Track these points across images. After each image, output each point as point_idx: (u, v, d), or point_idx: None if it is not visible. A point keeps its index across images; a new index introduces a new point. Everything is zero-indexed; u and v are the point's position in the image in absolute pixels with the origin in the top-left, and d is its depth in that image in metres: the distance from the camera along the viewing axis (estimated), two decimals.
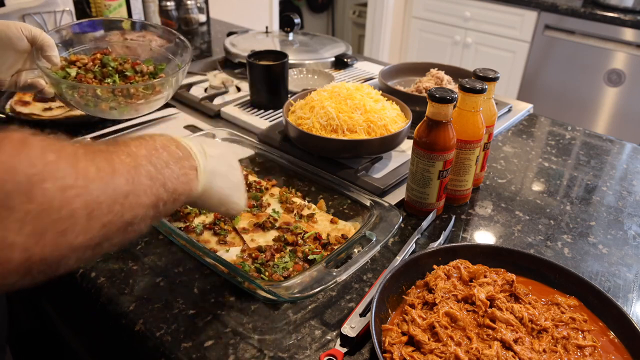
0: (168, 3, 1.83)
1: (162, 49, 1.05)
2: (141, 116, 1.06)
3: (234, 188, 0.60)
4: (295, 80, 1.32)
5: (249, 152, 0.96)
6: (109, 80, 0.91)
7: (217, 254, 0.68)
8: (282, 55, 1.17)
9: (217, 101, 1.22)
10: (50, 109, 1.10)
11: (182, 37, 1.02)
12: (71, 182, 0.37)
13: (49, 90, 0.84)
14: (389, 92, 1.06)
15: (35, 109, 1.10)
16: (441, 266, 0.65)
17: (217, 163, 0.57)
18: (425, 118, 0.76)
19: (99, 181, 0.40)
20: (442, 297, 0.60)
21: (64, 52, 0.95)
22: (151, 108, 0.92)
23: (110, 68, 0.94)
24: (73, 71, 0.88)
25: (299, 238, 0.73)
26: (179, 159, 0.51)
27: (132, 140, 0.48)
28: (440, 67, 1.24)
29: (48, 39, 0.79)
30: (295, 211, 0.79)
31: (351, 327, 0.59)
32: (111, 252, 0.55)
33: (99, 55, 0.96)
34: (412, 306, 0.60)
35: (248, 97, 1.22)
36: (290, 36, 1.56)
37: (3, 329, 0.77)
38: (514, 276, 0.63)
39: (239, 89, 1.30)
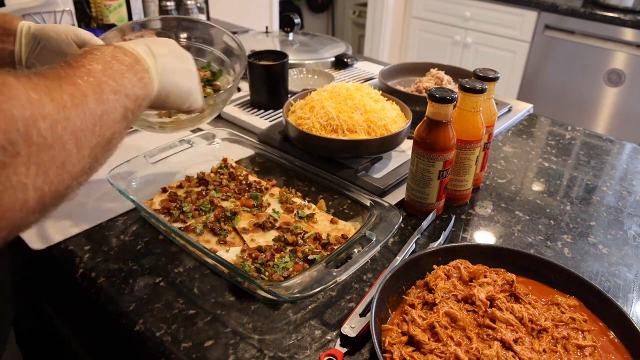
0: (168, 3, 1.83)
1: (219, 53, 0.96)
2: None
3: (189, 80, 0.63)
4: (295, 80, 1.32)
5: (249, 152, 0.96)
6: None
7: (217, 254, 0.68)
8: (282, 55, 1.17)
9: None
10: None
11: (237, 40, 0.92)
12: (56, 116, 0.39)
13: None
14: (389, 92, 1.06)
15: None
16: (441, 266, 0.65)
17: (166, 60, 0.59)
18: (425, 118, 0.76)
19: (75, 109, 0.41)
20: (442, 297, 0.60)
21: None
22: (203, 121, 0.84)
23: None
24: None
25: (299, 238, 0.73)
26: (131, 65, 0.52)
27: (83, 58, 0.48)
28: (440, 67, 1.24)
29: (98, 42, 0.77)
30: (295, 211, 0.79)
31: (351, 327, 0.59)
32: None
33: None
34: (412, 306, 0.60)
35: (248, 97, 1.22)
36: (290, 36, 1.56)
37: (7, 310, 0.77)
38: (514, 276, 0.63)
39: (239, 89, 1.30)
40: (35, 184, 0.37)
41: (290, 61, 1.23)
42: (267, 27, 1.62)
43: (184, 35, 1.03)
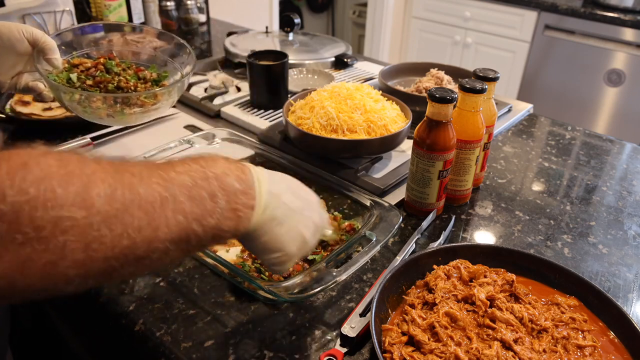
0: (168, 3, 1.83)
1: (165, 55, 1.03)
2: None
3: (294, 243, 0.51)
4: (295, 80, 1.32)
5: (249, 152, 0.96)
6: (110, 85, 0.88)
7: (217, 254, 0.68)
8: (282, 55, 1.17)
9: (217, 101, 1.22)
10: (50, 108, 1.10)
11: (188, 47, 1.00)
12: (68, 213, 0.34)
13: (48, 94, 0.83)
14: (389, 92, 1.06)
15: (36, 109, 1.10)
16: (441, 266, 0.65)
17: (287, 214, 0.49)
18: (425, 118, 0.76)
19: (105, 214, 0.35)
20: (442, 297, 0.60)
21: (67, 55, 0.92)
22: (150, 117, 0.90)
23: (113, 73, 0.90)
24: (74, 75, 0.86)
25: None
26: (233, 193, 0.44)
27: (181, 163, 0.42)
28: (440, 67, 1.24)
29: (50, 42, 0.78)
30: None
31: (351, 327, 0.59)
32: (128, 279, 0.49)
33: (102, 60, 0.93)
34: (412, 306, 0.60)
35: (248, 97, 1.22)
36: (290, 36, 1.56)
37: (5, 329, 0.77)
38: (514, 276, 0.63)
39: (239, 89, 1.30)
40: (6, 272, 0.32)
41: (290, 61, 1.23)
42: (267, 27, 1.62)
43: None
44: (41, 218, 0.32)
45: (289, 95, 1.12)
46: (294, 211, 0.50)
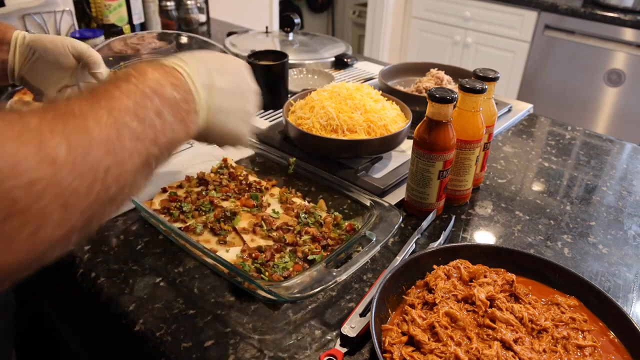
0: (168, 3, 1.83)
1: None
2: None
3: (242, 123, 0.54)
4: (295, 80, 1.32)
5: (249, 152, 0.96)
6: None
7: (217, 254, 0.68)
8: (282, 55, 1.17)
9: None
10: None
11: (192, 35, 1.03)
12: (36, 174, 0.31)
13: None
14: (389, 92, 1.06)
15: None
16: (441, 266, 0.65)
17: (224, 97, 0.50)
18: (425, 118, 0.76)
19: (71, 164, 0.34)
20: (442, 297, 0.60)
21: (115, 66, 0.94)
22: None
23: None
24: None
25: (298, 238, 0.73)
26: (175, 104, 0.44)
27: (114, 88, 0.40)
28: (440, 67, 1.24)
29: (95, 56, 0.75)
30: (295, 211, 0.79)
31: (351, 327, 0.59)
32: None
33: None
34: (412, 306, 0.60)
35: None
36: (290, 36, 1.56)
37: (11, 334, 0.77)
38: (514, 276, 0.63)
39: None
40: None
41: (290, 61, 1.23)
42: (267, 27, 1.62)
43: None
44: (13, 188, 0.30)
45: (289, 95, 1.12)
46: (229, 91, 0.51)
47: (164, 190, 0.83)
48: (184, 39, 1.13)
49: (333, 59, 1.45)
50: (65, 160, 0.33)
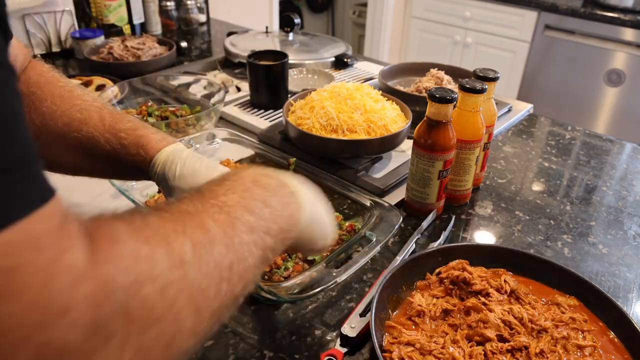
0: (168, 3, 1.83)
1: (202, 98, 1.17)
2: None
3: (329, 216, 0.52)
4: (295, 80, 1.32)
5: (249, 152, 0.96)
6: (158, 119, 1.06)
7: None
8: (282, 55, 1.16)
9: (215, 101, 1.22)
10: None
11: (221, 85, 1.17)
12: (169, 276, 0.30)
13: None
14: (389, 92, 1.06)
15: None
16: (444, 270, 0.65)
17: (309, 189, 0.49)
18: (425, 118, 0.76)
19: (198, 262, 0.32)
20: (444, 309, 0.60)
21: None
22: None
23: (155, 115, 1.07)
24: None
25: None
26: (275, 189, 0.43)
27: (218, 186, 0.41)
28: (440, 67, 1.24)
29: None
30: None
31: (351, 327, 0.59)
32: None
33: (145, 107, 1.10)
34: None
35: (248, 97, 1.22)
36: (290, 36, 1.56)
37: None
38: (515, 284, 0.63)
39: (239, 89, 1.30)
40: None
41: (290, 61, 1.23)
42: (267, 27, 1.62)
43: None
44: (150, 295, 0.28)
45: (289, 95, 1.12)
46: (316, 198, 0.51)
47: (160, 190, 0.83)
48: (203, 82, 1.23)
49: (333, 59, 1.45)
50: (192, 260, 0.32)
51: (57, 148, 0.60)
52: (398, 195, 0.88)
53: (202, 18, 1.94)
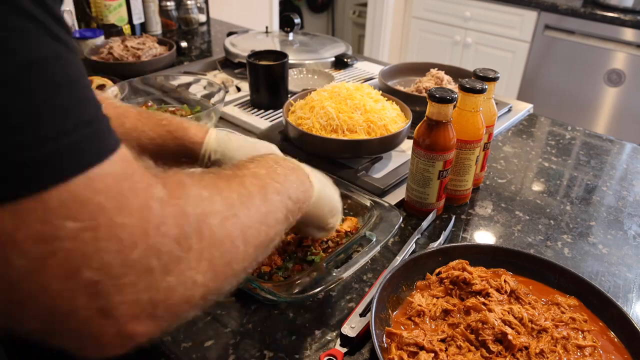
0: (168, 3, 1.83)
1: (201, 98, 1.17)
2: None
3: (338, 198, 0.63)
4: (295, 80, 1.32)
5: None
6: None
7: None
8: (282, 55, 1.17)
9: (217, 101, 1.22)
10: None
11: (221, 85, 1.17)
12: (226, 213, 0.38)
13: None
14: (389, 92, 1.06)
15: None
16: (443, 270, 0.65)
17: (318, 175, 0.59)
18: (425, 118, 0.76)
19: (243, 206, 0.41)
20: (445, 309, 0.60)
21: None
22: None
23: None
24: None
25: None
26: (293, 170, 0.53)
27: (249, 163, 0.50)
28: (440, 67, 1.24)
29: None
30: None
31: (351, 327, 0.59)
32: None
33: (144, 107, 1.10)
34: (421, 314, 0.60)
35: (248, 97, 1.22)
36: (290, 36, 1.56)
37: None
38: (515, 285, 0.63)
39: (239, 89, 1.30)
40: (204, 280, 0.35)
41: (290, 61, 1.23)
42: (267, 27, 1.62)
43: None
44: (214, 224, 0.37)
45: (289, 95, 1.12)
46: (324, 177, 0.62)
47: None
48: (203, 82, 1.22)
49: (333, 59, 1.45)
50: (239, 203, 0.41)
51: None
52: (398, 195, 0.88)
53: (202, 18, 1.94)
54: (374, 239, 0.69)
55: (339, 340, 0.59)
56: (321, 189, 0.58)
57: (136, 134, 0.64)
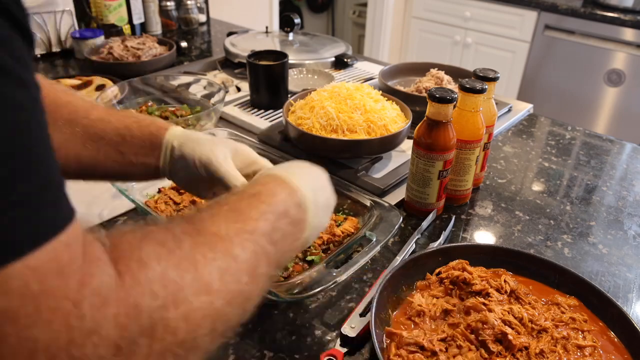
0: (168, 3, 1.83)
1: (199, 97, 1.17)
2: None
3: (331, 195, 0.55)
4: (295, 80, 1.32)
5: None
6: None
7: None
8: (282, 55, 1.16)
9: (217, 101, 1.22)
10: None
11: (221, 85, 1.16)
12: (195, 302, 0.31)
13: None
14: (389, 92, 1.06)
15: None
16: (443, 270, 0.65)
17: (321, 215, 0.51)
18: (425, 118, 0.76)
19: (225, 290, 0.33)
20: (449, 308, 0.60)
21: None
22: None
23: (155, 116, 1.07)
24: None
25: None
26: (296, 225, 0.45)
27: (252, 206, 0.41)
28: (440, 67, 1.24)
29: (233, 183, 0.62)
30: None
31: (351, 327, 0.59)
32: None
33: (144, 108, 1.10)
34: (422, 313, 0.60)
35: (248, 97, 1.22)
36: (290, 36, 1.56)
37: None
38: (515, 285, 0.63)
39: (239, 89, 1.30)
40: None
41: (290, 61, 1.23)
42: (267, 27, 1.62)
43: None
44: (174, 319, 0.30)
45: (289, 95, 1.12)
46: (324, 208, 0.53)
47: (165, 190, 0.83)
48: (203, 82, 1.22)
49: (333, 59, 1.45)
50: (219, 288, 0.33)
51: (60, 138, 0.59)
52: (398, 195, 0.88)
53: (202, 18, 1.94)
54: (374, 239, 0.69)
55: (339, 340, 0.59)
56: (314, 224, 0.49)
57: (102, 125, 0.59)
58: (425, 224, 0.79)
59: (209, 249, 0.34)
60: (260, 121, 1.12)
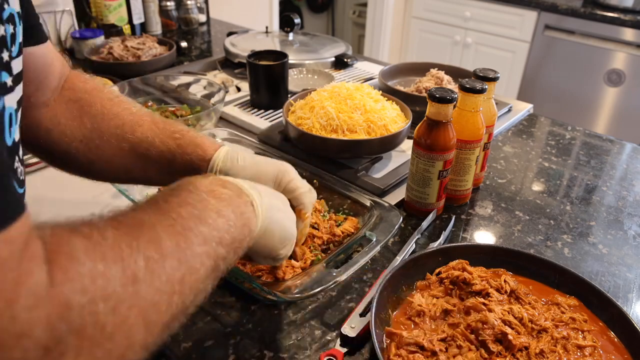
0: (168, 3, 1.83)
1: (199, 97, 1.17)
2: None
3: (292, 224, 0.54)
4: (295, 80, 1.32)
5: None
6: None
7: None
8: (282, 55, 1.17)
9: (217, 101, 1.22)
10: None
11: (221, 85, 1.16)
12: (122, 294, 0.31)
13: None
14: (389, 92, 1.06)
15: None
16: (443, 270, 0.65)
17: (272, 196, 0.51)
18: (425, 118, 0.76)
19: (150, 278, 0.33)
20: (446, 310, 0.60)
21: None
22: None
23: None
24: None
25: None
26: (230, 199, 0.45)
27: (175, 197, 0.41)
28: (440, 67, 1.24)
29: (306, 205, 0.62)
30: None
31: (351, 327, 0.59)
32: None
33: (145, 108, 1.07)
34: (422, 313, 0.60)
35: (248, 97, 1.22)
36: (290, 36, 1.56)
37: None
38: (515, 285, 0.63)
39: (239, 89, 1.30)
40: None
41: (290, 61, 1.23)
42: (267, 27, 1.62)
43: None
44: (102, 312, 0.29)
45: (289, 95, 1.12)
46: (277, 198, 0.54)
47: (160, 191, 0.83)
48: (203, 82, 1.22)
49: (333, 59, 1.45)
50: (144, 276, 0.33)
51: (109, 151, 0.60)
52: (398, 195, 0.88)
53: (202, 18, 1.94)
54: (374, 239, 0.69)
55: (339, 340, 0.59)
56: (269, 216, 0.49)
57: (146, 145, 0.60)
58: (425, 224, 0.79)
59: (133, 238, 0.34)
60: (260, 121, 1.12)
